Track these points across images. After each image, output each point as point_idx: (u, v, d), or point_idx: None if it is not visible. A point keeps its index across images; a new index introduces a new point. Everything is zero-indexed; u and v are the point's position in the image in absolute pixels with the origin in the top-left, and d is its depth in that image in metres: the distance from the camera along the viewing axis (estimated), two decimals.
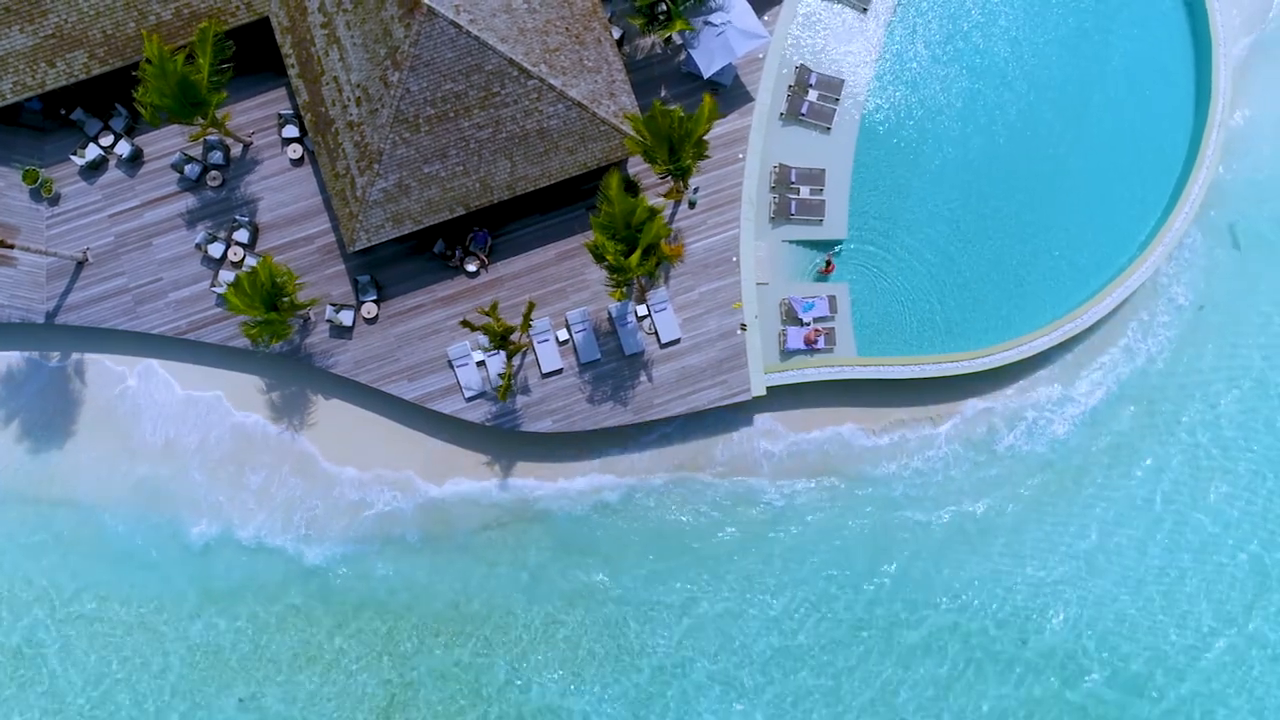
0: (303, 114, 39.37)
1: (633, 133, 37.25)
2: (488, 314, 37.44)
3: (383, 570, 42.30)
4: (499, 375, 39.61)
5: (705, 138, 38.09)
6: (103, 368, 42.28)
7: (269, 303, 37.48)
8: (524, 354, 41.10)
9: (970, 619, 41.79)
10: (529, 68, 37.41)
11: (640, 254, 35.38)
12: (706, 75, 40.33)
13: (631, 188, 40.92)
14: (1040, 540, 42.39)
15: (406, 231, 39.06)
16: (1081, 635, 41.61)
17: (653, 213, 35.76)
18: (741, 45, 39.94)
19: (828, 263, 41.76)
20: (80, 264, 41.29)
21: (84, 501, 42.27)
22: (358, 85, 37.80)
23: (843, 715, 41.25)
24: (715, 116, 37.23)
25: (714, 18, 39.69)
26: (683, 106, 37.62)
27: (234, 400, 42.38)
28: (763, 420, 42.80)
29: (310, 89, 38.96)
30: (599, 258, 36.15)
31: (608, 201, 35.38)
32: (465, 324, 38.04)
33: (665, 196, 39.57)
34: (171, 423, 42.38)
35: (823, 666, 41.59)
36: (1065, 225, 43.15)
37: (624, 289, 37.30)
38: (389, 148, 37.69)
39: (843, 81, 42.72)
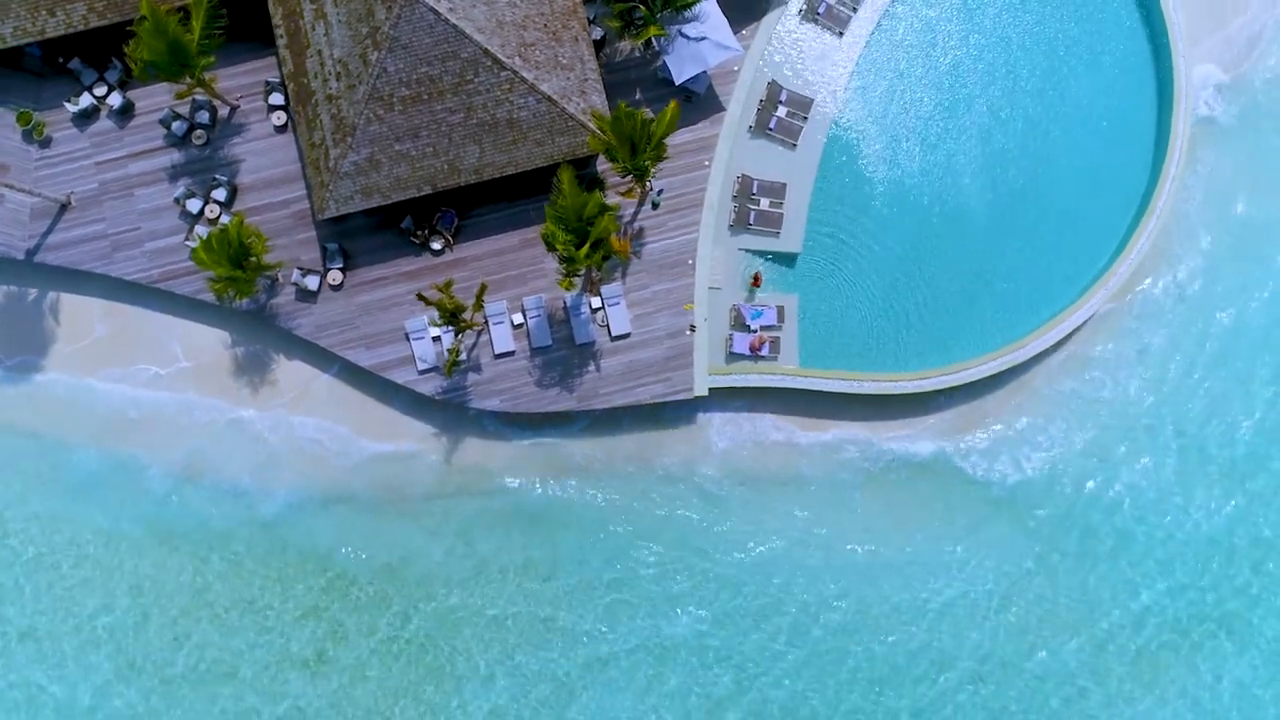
0: (287, 83, 41.00)
1: (597, 130, 38.70)
2: (441, 290, 38.95)
3: (327, 528, 43.71)
4: (449, 351, 41.09)
5: (666, 142, 39.58)
6: (76, 308, 43.84)
7: (235, 261, 39.08)
8: (479, 334, 42.61)
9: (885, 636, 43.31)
10: (503, 59, 38.93)
11: (589, 247, 36.85)
12: (677, 81, 41.78)
13: (596, 184, 42.45)
14: (973, 562, 43.81)
15: (375, 205, 40.62)
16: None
17: (604, 208, 37.25)
18: (713, 56, 41.37)
19: (756, 276, 43.08)
20: (63, 207, 42.95)
21: (47, 434, 43.81)
22: (339, 60, 39.39)
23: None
24: (676, 122, 38.72)
25: (688, 28, 41.12)
26: (646, 110, 39.11)
27: (199, 352, 43.87)
28: (705, 419, 44.18)
29: (295, 60, 40.56)
30: (551, 247, 37.66)
31: (560, 194, 36.88)
32: (420, 298, 39.57)
33: (623, 195, 41.00)
34: (138, 367, 43.87)
35: (751, 657, 43.12)
36: (1017, 258, 44.49)
37: (574, 280, 38.77)
38: (363, 123, 39.27)
39: (812, 101, 44.11)
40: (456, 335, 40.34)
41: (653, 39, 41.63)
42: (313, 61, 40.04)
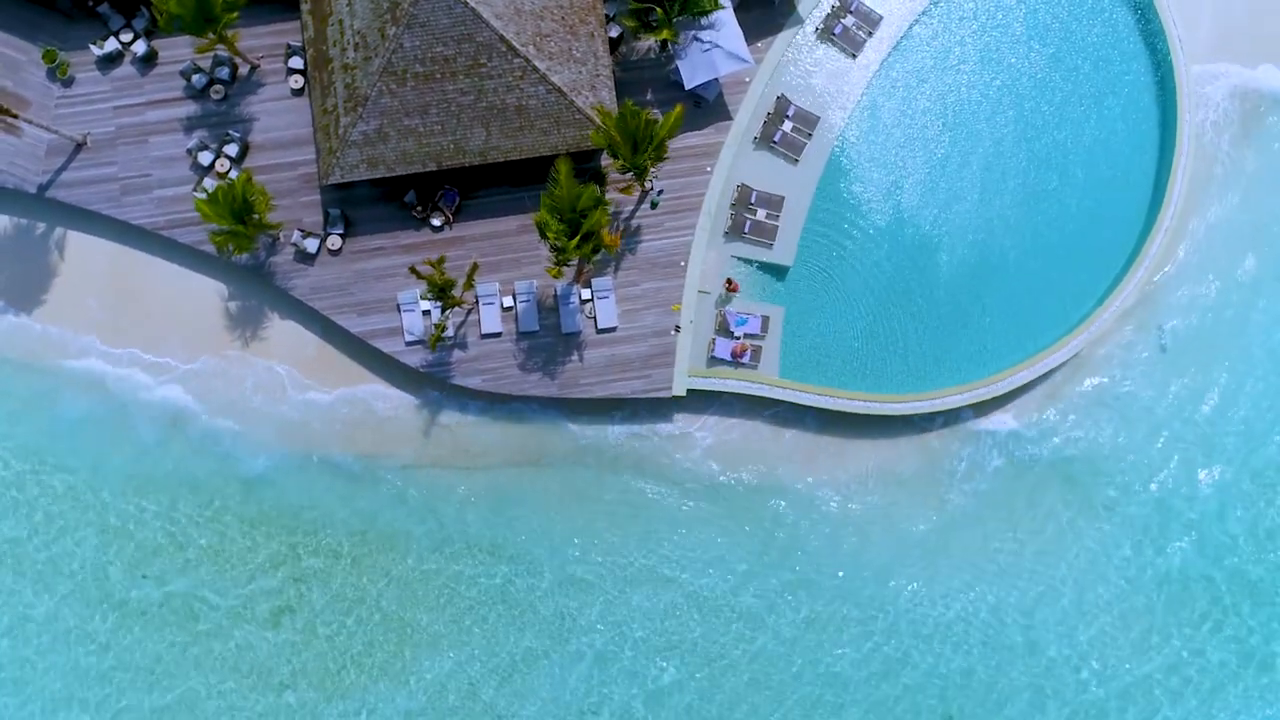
0: (306, 49, 41.94)
1: (601, 124, 39.48)
2: (433, 266, 39.80)
3: (300, 485, 44.44)
4: (435, 325, 41.94)
5: (671, 145, 40.44)
6: (81, 247, 44.77)
7: (237, 216, 40.05)
8: (469, 312, 43.46)
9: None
10: (518, 47, 39.78)
11: (580, 238, 37.67)
12: (688, 86, 42.55)
13: (599, 179, 43.24)
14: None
15: (379, 176, 41.54)
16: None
17: (598, 202, 38.05)
18: (724, 65, 42.16)
19: (729, 281, 43.76)
20: (79, 146, 43.96)
21: (43, 369, 44.70)
22: (358, 31, 40.29)
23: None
24: (680, 125, 39.52)
25: (703, 35, 41.90)
26: (654, 111, 39.89)
27: (196, 303, 44.75)
28: (681, 420, 44.90)
29: (317, 27, 41.49)
30: (543, 234, 38.50)
31: (557, 184, 37.72)
32: (413, 271, 40.44)
33: (622, 191, 41.79)
34: (135, 313, 44.71)
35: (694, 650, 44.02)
36: (1006, 293, 45.14)
37: (563, 268, 39.59)
38: (375, 95, 40.17)
39: (818, 119, 44.80)
40: (444, 311, 41.19)
41: (668, 42, 42.38)
42: (333, 30, 40.95)
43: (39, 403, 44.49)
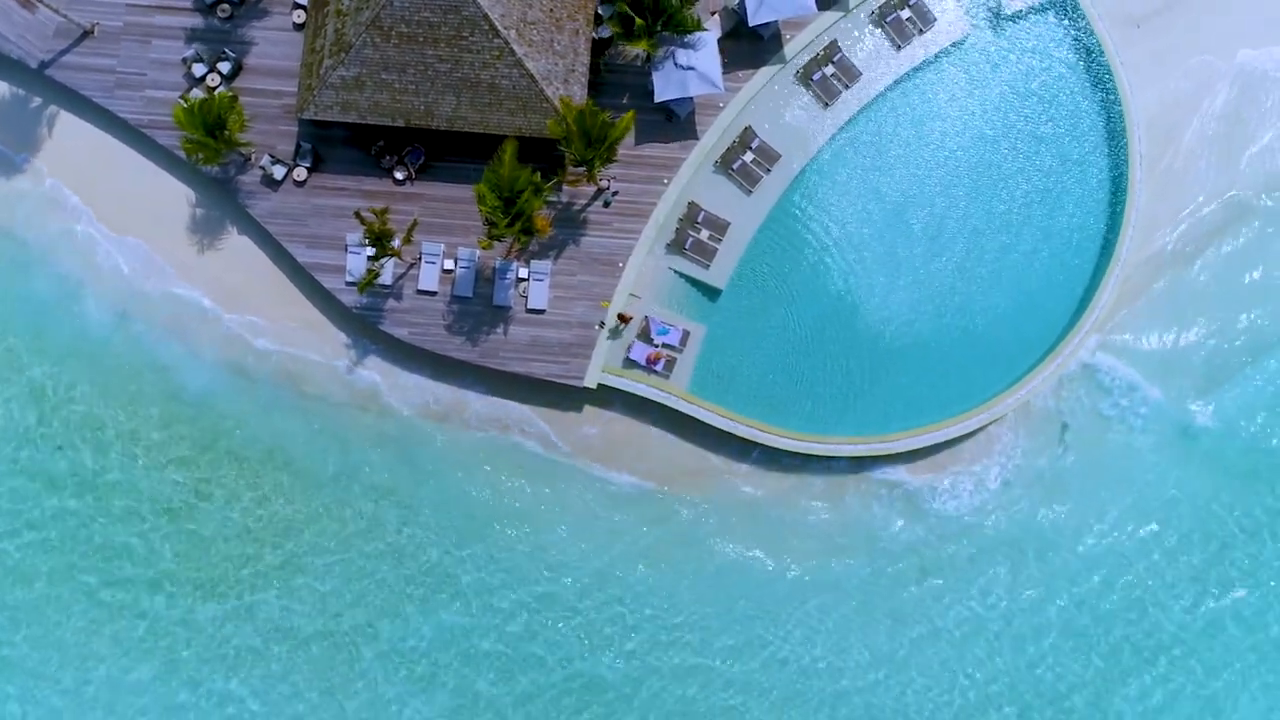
0: None
1: (561, 115, 41.31)
2: (376, 214, 41.80)
3: (224, 395, 46.84)
4: (368, 270, 43.93)
5: (637, 152, 42.43)
6: (66, 128, 47.15)
7: (208, 129, 42.22)
8: (411, 267, 45.40)
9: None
10: (500, 28, 41.67)
11: (511, 217, 39.52)
12: (656, 99, 44.24)
13: (559, 166, 45.02)
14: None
15: (350, 120, 43.62)
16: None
17: (535, 187, 39.89)
18: (695, 86, 43.83)
19: (621, 315, 45.30)
20: (86, 34, 46.27)
21: (14, 233, 47.20)
22: None
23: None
24: (629, 131, 41.54)
25: (680, 53, 43.57)
26: (609, 113, 41.61)
27: (162, 203, 46.97)
28: (590, 413, 46.70)
29: None
30: (480, 206, 40.40)
31: (500, 163, 39.60)
32: (356, 215, 42.44)
33: (569, 183, 43.58)
34: (102, 202, 47.09)
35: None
36: (920, 359, 46.50)
37: (493, 242, 41.46)
38: (359, 45, 42.19)
39: (780, 156, 46.36)
40: (377, 259, 43.18)
41: (640, 51, 44.01)
42: None
43: (6, 267, 46.80)
